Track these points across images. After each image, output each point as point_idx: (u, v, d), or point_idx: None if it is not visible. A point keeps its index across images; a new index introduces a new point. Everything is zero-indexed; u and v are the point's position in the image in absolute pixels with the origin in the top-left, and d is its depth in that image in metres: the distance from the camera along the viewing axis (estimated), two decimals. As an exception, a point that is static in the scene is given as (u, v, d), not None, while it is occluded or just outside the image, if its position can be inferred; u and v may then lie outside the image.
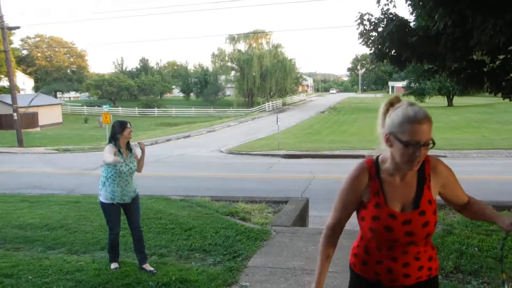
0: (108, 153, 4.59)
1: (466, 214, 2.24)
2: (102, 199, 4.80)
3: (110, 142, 4.80)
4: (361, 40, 7.99)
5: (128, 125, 4.87)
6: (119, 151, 4.75)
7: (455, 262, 4.73)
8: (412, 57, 7.53)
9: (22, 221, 6.91)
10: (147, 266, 4.85)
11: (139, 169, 5.00)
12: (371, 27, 7.75)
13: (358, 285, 2.18)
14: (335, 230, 2.16)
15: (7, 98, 32.38)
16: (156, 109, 61.02)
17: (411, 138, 1.81)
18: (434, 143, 1.85)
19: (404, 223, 1.93)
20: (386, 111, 2.01)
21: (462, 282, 4.30)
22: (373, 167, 2.06)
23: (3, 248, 5.77)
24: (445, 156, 15.23)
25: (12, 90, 24.89)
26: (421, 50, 7.24)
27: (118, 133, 4.76)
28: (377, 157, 2.09)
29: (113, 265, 4.89)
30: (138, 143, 4.97)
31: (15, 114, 24.56)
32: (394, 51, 7.71)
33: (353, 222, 2.17)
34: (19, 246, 5.84)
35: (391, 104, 2.01)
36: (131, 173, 4.85)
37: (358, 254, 2.14)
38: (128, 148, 4.91)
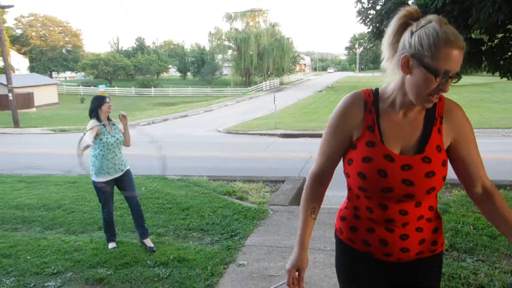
0: (89, 134, 4.58)
1: (486, 212, 1.69)
2: (94, 178, 4.79)
3: (91, 117, 4.81)
4: (359, 18, 7.92)
5: (107, 100, 4.86)
6: (103, 126, 4.74)
7: (450, 240, 4.77)
8: (410, 36, 7.47)
9: (19, 202, 6.93)
10: (148, 242, 4.88)
11: (126, 142, 4.99)
12: (369, 5, 7.69)
13: (345, 256, 1.81)
14: (321, 179, 1.78)
15: (2, 78, 32.11)
16: (152, 88, 60.67)
17: (442, 66, 1.41)
18: (459, 77, 1.49)
19: (403, 167, 1.55)
20: (403, 26, 1.53)
21: (457, 259, 4.34)
22: (371, 96, 1.67)
23: (1, 228, 5.79)
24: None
25: (6, 70, 24.63)
26: (419, 28, 7.16)
27: (97, 107, 4.78)
28: (376, 88, 1.71)
29: (111, 245, 4.90)
30: (119, 114, 4.88)
31: (10, 95, 24.37)
32: (392, 29, 7.65)
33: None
34: (17, 226, 5.86)
35: (411, 17, 1.52)
36: (118, 145, 4.84)
37: (345, 218, 1.78)
38: (111, 121, 4.92)
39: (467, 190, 1.71)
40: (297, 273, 1.80)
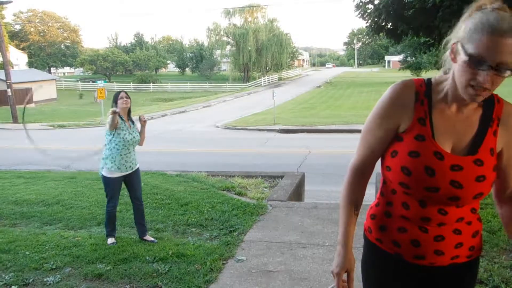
0: (110, 120, 4.67)
1: (505, 218, 1.62)
2: (104, 172, 4.81)
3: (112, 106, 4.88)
4: (357, 12, 7.90)
5: (122, 95, 4.87)
6: (121, 118, 4.79)
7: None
8: (409, 30, 7.47)
9: (18, 197, 6.92)
10: (148, 237, 4.95)
11: (140, 142, 5.03)
12: (368, 0, 7.66)
13: (372, 257, 1.68)
14: (363, 172, 1.64)
15: (1, 74, 32.03)
16: (151, 84, 60.51)
17: (479, 52, 1.26)
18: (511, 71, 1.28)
19: (452, 167, 1.42)
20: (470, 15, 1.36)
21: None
22: (423, 86, 1.50)
23: (0, 224, 5.78)
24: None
25: (5, 65, 24.58)
26: (418, 23, 7.17)
27: (114, 102, 4.86)
28: (429, 78, 1.54)
29: (110, 240, 4.90)
30: (139, 116, 4.98)
31: (9, 90, 24.33)
32: (390, 24, 7.65)
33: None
34: (15, 222, 5.85)
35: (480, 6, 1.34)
36: (134, 143, 4.89)
37: (375, 216, 1.65)
38: (130, 119, 4.96)
39: (493, 192, 1.61)
40: (345, 275, 1.65)
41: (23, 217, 5.99)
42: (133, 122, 4.98)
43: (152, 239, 4.94)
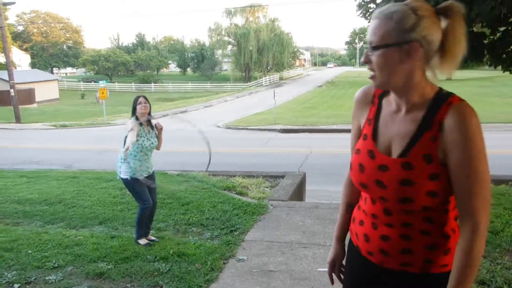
0: (131, 134, 4.56)
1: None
2: (123, 175, 4.77)
3: (132, 115, 4.84)
4: (359, 12, 7.88)
5: (141, 100, 4.81)
6: (141, 126, 4.77)
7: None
8: (411, 30, 7.45)
9: (21, 196, 6.94)
10: (150, 237, 4.97)
11: (158, 147, 5.02)
12: (369, -1, 7.65)
13: (348, 245, 1.74)
14: None
15: (4, 74, 32.10)
16: (152, 84, 60.57)
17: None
18: (375, 48, 1.36)
19: (379, 167, 1.44)
20: None
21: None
22: None
23: (2, 223, 5.80)
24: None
25: (8, 66, 24.65)
26: (420, 22, 7.15)
27: (134, 108, 4.82)
28: None
29: (143, 241, 4.86)
30: (155, 124, 4.95)
31: (12, 90, 24.38)
32: (392, 23, 7.63)
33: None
34: (18, 221, 5.87)
35: None
36: (152, 149, 4.88)
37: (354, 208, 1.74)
38: (150, 124, 4.92)
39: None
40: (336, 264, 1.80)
41: (26, 216, 6.02)
42: (152, 127, 4.93)
43: (154, 238, 4.96)
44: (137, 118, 4.76)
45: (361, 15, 7.93)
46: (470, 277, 1.35)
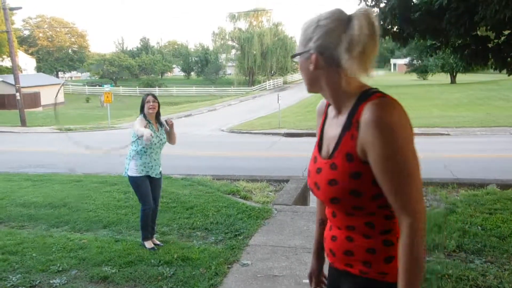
0: (139, 125, 4.62)
1: None
2: (131, 173, 4.75)
3: (140, 113, 4.83)
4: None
5: (149, 99, 4.80)
6: (149, 121, 4.76)
7: (457, 241, 4.72)
8: (415, 33, 7.44)
9: (26, 200, 6.96)
10: (154, 241, 4.96)
11: (172, 141, 5.03)
12: (373, 3, 7.64)
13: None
14: None
15: (10, 78, 32.29)
16: (157, 88, 60.68)
17: None
18: (292, 57, 1.51)
19: (317, 170, 1.51)
20: None
21: (465, 261, 4.30)
22: None
23: (8, 226, 5.82)
24: (448, 134, 15.22)
25: (14, 70, 24.76)
26: (424, 26, 7.14)
27: (142, 107, 4.81)
28: None
29: (148, 244, 4.84)
30: (166, 121, 4.89)
31: (17, 94, 24.50)
32: (396, 27, 7.62)
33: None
34: (23, 224, 5.89)
35: None
36: (161, 146, 4.87)
37: None
38: (159, 121, 4.89)
39: None
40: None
41: (31, 219, 6.03)
42: (161, 125, 4.91)
43: (158, 242, 4.95)
44: (145, 116, 4.75)
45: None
46: (411, 280, 1.32)
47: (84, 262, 4.48)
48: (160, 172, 5.00)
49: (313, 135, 16.36)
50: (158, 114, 4.90)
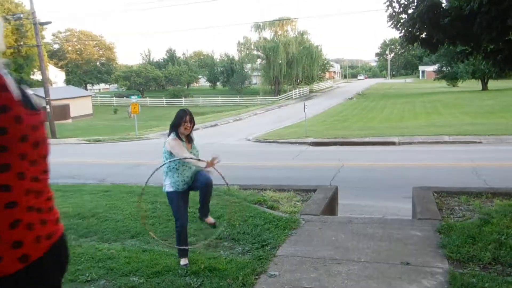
0: (178, 147, 4.42)
1: None
2: (166, 189, 4.66)
3: (171, 131, 4.60)
4: (390, 23, 7.76)
5: (187, 119, 4.52)
6: (181, 139, 4.58)
7: (493, 253, 4.54)
8: (444, 39, 7.27)
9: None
10: (209, 219, 5.00)
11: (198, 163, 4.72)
12: (401, 9, 7.51)
13: None
14: None
15: (40, 91, 33.18)
16: (183, 99, 61.47)
17: None
18: None
19: None
20: None
21: (502, 274, 4.12)
22: None
23: (37, 236, 5.89)
24: (480, 142, 14.81)
25: (44, 83, 25.52)
26: (454, 31, 6.97)
27: (177, 126, 4.55)
28: None
29: (183, 261, 4.65)
30: (213, 158, 4.43)
31: (47, 106, 25.16)
32: (425, 33, 7.47)
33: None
34: (52, 234, 5.95)
35: None
36: (194, 165, 4.67)
37: None
38: (190, 138, 4.74)
39: None
40: None
41: (60, 230, 6.09)
42: (191, 140, 4.74)
43: (213, 221, 5.02)
44: (177, 135, 4.56)
45: (392, 26, 7.80)
46: None
47: (112, 272, 4.48)
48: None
49: (339, 144, 16.25)
50: (190, 133, 4.73)
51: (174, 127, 4.57)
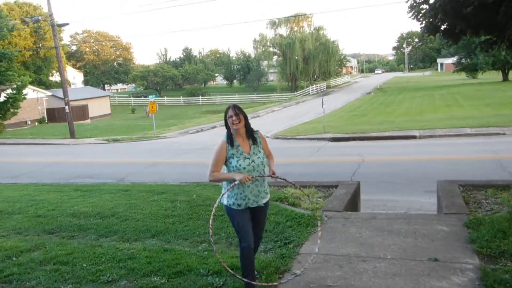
0: (213, 157, 3.83)
1: None
2: (225, 200, 3.93)
3: (227, 130, 3.90)
4: (411, 13, 7.57)
5: (231, 113, 3.80)
6: (231, 144, 3.81)
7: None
8: (467, 29, 7.05)
9: (75, 210, 7.06)
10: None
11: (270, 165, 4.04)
12: (422, 0, 7.32)
13: None
14: None
15: (59, 92, 33.65)
16: (200, 97, 61.67)
17: None
18: None
19: None
20: None
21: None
22: None
23: (58, 236, 5.90)
24: (504, 134, 14.45)
25: (63, 84, 25.76)
26: (478, 21, 6.75)
27: (226, 124, 3.89)
28: None
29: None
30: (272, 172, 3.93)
31: (66, 107, 25.43)
32: (447, 23, 7.26)
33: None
34: (73, 234, 5.95)
35: None
36: (257, 168, 3.83)
37: None
38: (251, 137, 3.88)
39: None
40: None
41: (80, 229, 6.09)
42: (254, 141, 3.89)
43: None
44: (228, 136, 3.85)
45: (412, 17, 7.61)
46: None
47: (133, 272, 4.44)
48: (267, 202, 4.03)
49: (359, 138, 16.03)
50: (248, 129, 3.89)
51: (226, 127, 3.88)
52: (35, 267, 4.75)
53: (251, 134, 3.88)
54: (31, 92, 36.11)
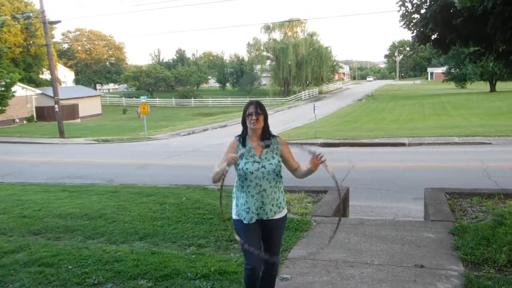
0: (223, 157, 3.32)
1: None
2: (232, 215, 3.55)
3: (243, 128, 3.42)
4: (402, 23, 7.65)
5: (251, 110, 3.29)
6: (243, 144, 3.37)
7: (508, 255, 4.44)
8: (457, 39, 7.17)
9: (62, 211, 7.00)
10: None
11: (297, 173, 3.56)
12: (414, 9, 7.41)
13: None
14: None
15: (49, 91, 33.39)
16: (192, 99, 61.55)
17: None
18: None
19: None
20: None
21: (519, 276, 4.00)
22: None
23: (44, 237, 5.84)
24: (490, 143, 14.62)
25: (53, 82, 25.55)
26: (467, 32, 6.86)
27: (243, 122, 3.37)
28: None
29: None
30: (309, 151, 3.36)
31: (56, 106, 25.22)
32: (437, 33, 7.35)
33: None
34: (59, 235, 5.90)
35: None
36: (266, 176, 3.31)
37: None
38: (267, 138, 3.38)
39: None
40: None
41: (67, 231, 6.04)
42: (267, 145, 3.35)
43: None
44: (241, 138, 3.41)
45: (404, 26, 7.70)
46: None
47: (120, 275, 4.41)
48: (283, 217, 3.48)
49: (349, 145, 16.11)
50: (265, 131, 3.38)
51: (243, 125, 3.40)
52: (19, 269, 4.69)
53: (267, 137, 3.38)
54: (20, 90, 35.76)
